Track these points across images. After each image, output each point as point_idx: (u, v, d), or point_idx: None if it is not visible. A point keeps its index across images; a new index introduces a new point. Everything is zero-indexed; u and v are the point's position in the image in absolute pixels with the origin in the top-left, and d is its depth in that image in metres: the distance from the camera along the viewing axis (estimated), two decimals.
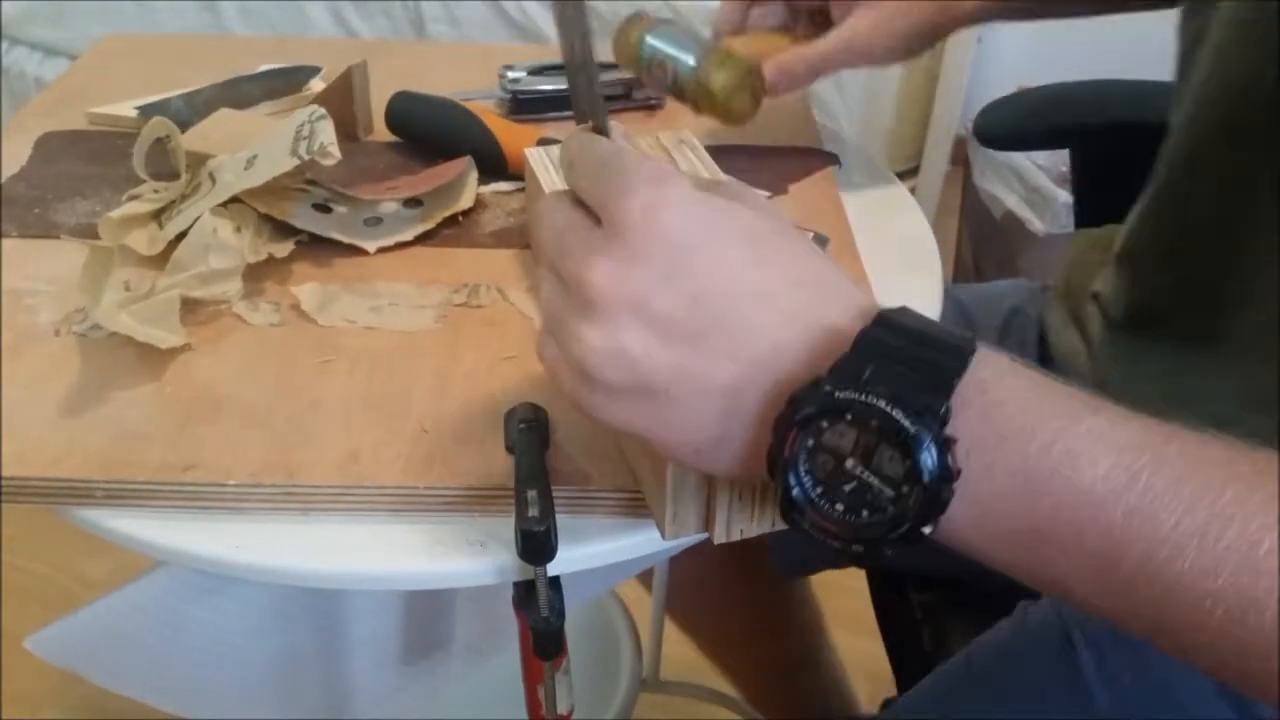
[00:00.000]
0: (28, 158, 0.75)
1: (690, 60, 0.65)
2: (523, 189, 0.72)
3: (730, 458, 0.39)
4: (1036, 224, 1.66)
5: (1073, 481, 0.34)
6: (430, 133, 0.76)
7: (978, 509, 0.35)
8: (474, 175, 0.71)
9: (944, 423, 0.35)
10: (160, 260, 0.61)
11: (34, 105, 0.83)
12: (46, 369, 0.55)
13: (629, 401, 0.38)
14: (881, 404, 0.35)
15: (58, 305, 0.59)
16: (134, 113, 0.79)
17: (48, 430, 0.51)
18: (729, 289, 0.38)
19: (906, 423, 0.34)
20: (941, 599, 0.79)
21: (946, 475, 0.35)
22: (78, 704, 1.31)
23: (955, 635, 0.70)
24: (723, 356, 0.37)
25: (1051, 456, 0.35)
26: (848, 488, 0.36)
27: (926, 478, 0.34)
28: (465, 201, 0.69)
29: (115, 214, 0.62)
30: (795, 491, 0.37)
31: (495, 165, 0.73)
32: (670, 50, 0.65)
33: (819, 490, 0.36)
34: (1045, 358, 0.76)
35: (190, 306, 0.59)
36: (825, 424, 0.36)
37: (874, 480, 0.36)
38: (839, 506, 0.36)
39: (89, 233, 0.65)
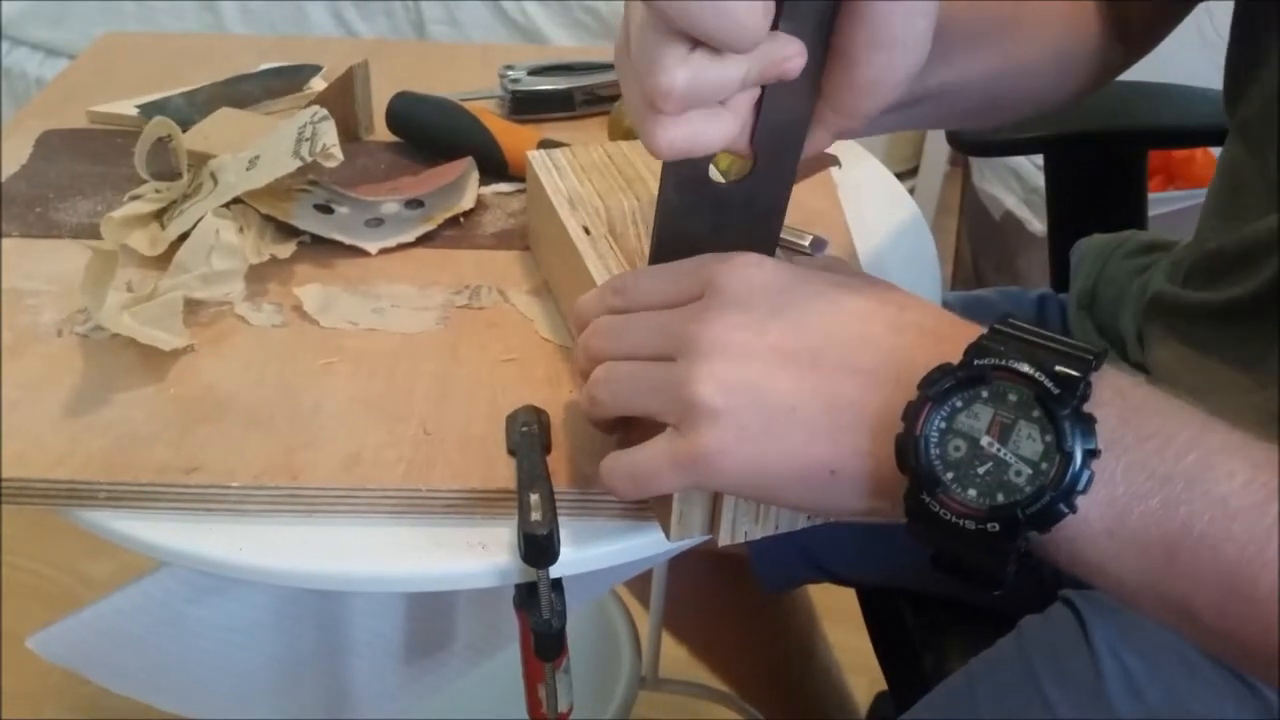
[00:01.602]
0: (28, 156, 0.75)
1: None
2: (524, 190, 0.72)
3: (862, 476, 0.38)
4: (1035, 225, 1.66)
5: (1211, 492, 0.33)
6: (431, 133, 0.77)
7: (1114, 513, 0.34)
8: (475, 176, 0.71)
9: (1084, 399, 0.34)
10: (162, 261, 0.61)
11: (34, 104, 0.83)
12: (48, 370, 0.55)
13: (759, 433, 0.38)
14: (1025, 368, 0.35)
15: (59, 305, 0.59)
16: (134, 111, 0.79)
17: (49, 431, 0.51)
18: (830, 313, 0.39)
19: (1051, 385, 0.34)
20: (938, 620, 0.78)
21: (1089, 449, 0.34)
22: (78, 704, 1.31)
23: (954, 657, 0.69)
24: (842, 370, 0.38)
25: (1188, 463, 0.34)
26: (982, 469, 0.35)
27: (1069, 445, 0.33)
28: (467, 202, 0.69)
29: (117, 214, 0.62)
30: (925, 472, 0.35)
31: (496, 166, 0.73)
32: None
33: (950, 475, 0.35)
34: None
35: (192, 307, 0.59)
36: (960, 402, 0.35)
37: (1011, 458, 0.34)
38: (971, 492, 0.35)
39: (91, 232, 0.65)
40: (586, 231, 0.55)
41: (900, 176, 0.68)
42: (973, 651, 0.66)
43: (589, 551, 0.49)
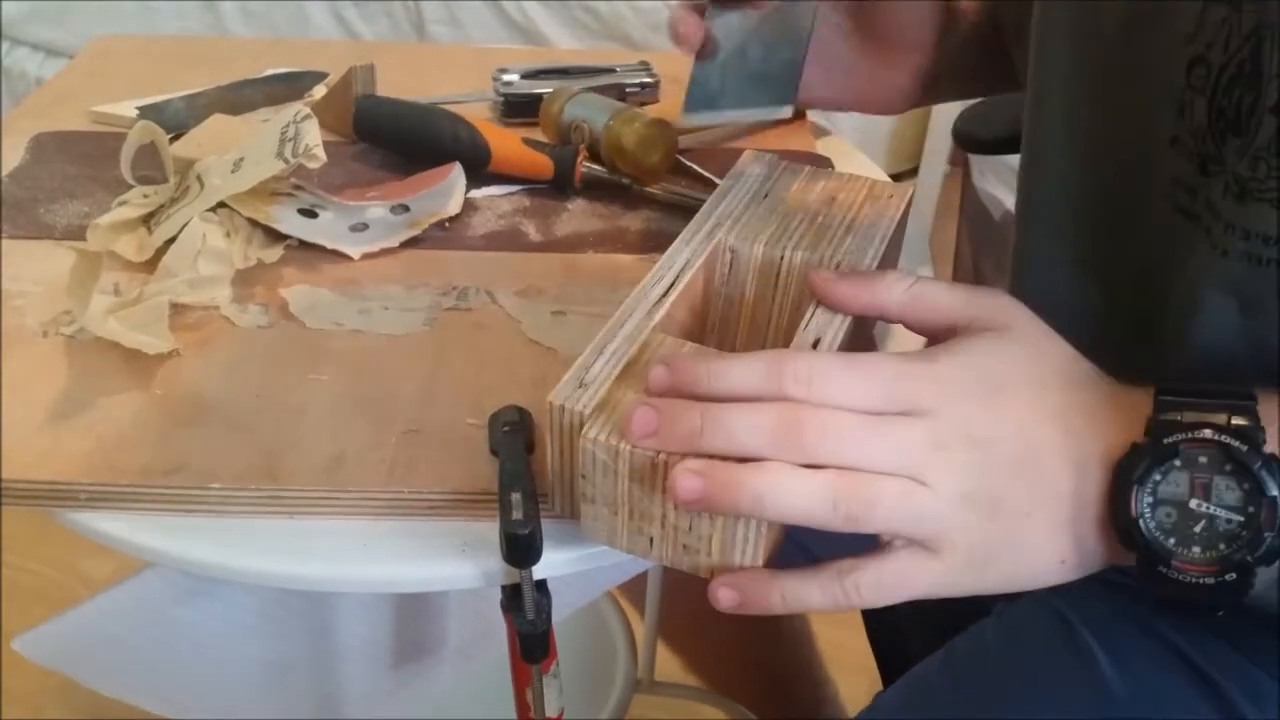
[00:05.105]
0: (20, 158, 0.75)
1: (601, 121, 0.74)
2: (514, 192, 0.72)
3: (1097, 556, 0.42)
4: None
5: None
6: (409, 140, 0.75)
7: None
8: (463, 182, 0.70)
9: (1264, 443, 0.40)
10: (150, 265, 0.61)
11: (28, 105, 0.83)
12: (33, 370, 0.55)
13: (982, 515, 0.41)
14: (1208, 434, 0.40)
15: (46, 306, 0.59)
16: (135, 113, 0.79)
17: (33, 432, 0.51)
18: (1039, 415, 0.42)
19: (1235, 442, 0.39)
20: (926, 608, 0.79)
21: None
22: (79, 704, 1.31)
23: (940, 644, 0.70)
24: (1065, 462, 0.41)
25: None
26: (1197, 528, 0.40)
27: (1271, 491, 0.39)
28: (453, 208, 0.68)
29: (104, 220, 0.62)
30: (1156, 548, 0.40)
31: (481, 169, 0.72)
32: (585, 114, 0.75)
33: (1172, 541, 0.40)
34: None
35: (179, 309, 0.58)
36: (1158, 476, 0.40)
37: (1220, 512, 0.40)
38: (1195, 549, 0.40)
39: (80, 234, 0.65)
40: None
41: (900, 176, 0.68)
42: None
43: (573, 552, 0.48)
